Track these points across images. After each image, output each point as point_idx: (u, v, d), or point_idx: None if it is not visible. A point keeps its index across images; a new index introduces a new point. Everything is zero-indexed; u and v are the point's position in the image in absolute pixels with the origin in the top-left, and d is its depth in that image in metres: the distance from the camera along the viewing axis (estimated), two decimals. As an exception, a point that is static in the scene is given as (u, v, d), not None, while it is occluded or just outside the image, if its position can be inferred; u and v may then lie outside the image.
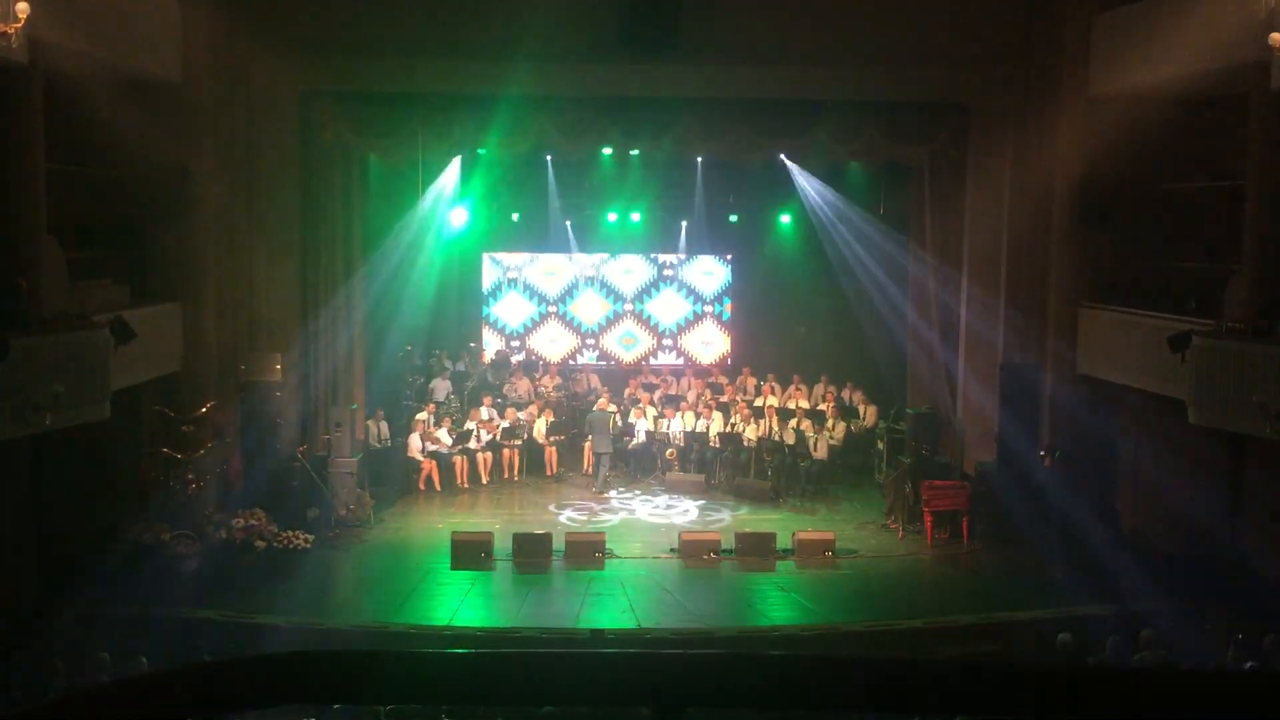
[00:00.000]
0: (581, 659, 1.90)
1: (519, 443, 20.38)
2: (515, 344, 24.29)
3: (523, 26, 17.02)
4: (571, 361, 24.30)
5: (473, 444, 19.92)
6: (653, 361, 24.40)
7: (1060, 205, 17.53)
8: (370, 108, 18.15)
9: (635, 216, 23.40)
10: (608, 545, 16.18)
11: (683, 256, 24.46)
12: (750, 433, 20.00)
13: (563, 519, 18.08)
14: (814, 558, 16.20)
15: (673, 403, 21.19)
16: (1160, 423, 15.86)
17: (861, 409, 21.33)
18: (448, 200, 21.45)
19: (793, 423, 19.93)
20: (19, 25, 10.98)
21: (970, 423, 18.71)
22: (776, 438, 19.80)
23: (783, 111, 18.40)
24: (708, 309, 24.73)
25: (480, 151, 20.05)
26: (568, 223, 23.61)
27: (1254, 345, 12.78)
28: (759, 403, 21.16)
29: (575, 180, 22.54)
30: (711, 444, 20.14)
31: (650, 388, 21.96)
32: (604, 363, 24.40)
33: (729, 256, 24.61)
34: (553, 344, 24.48)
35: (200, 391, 16.75)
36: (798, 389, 21.72)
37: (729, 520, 18.04)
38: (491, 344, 24.09)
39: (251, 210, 17.40)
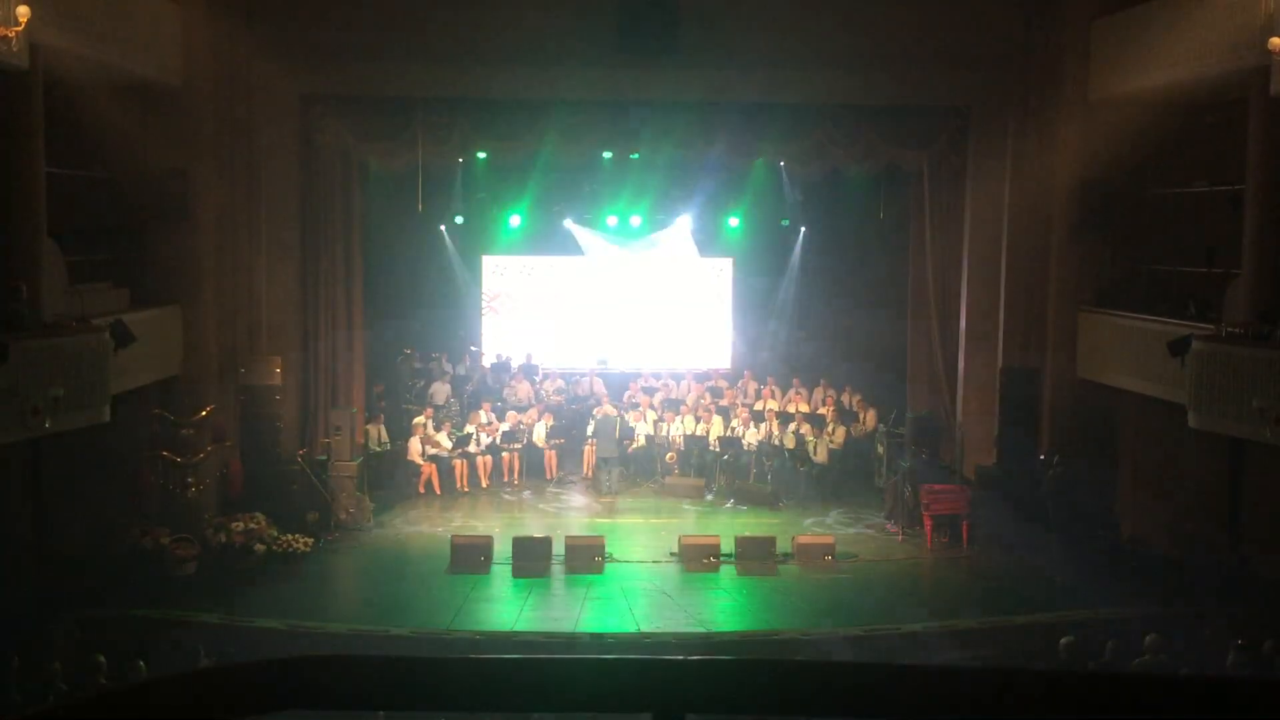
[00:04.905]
0: (581, 664, 1.90)
1: (519, 446, 20.37)
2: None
3: (523, 31, 17.07)
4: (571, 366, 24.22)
5: (472, 448, 19.91)
6: (647, 366, 24.32)
7: (1060, 209, 17.54)
8: (370, 111, 18.16)
9: (635, 220, 23.37)
10: (607, 549, 16.18)
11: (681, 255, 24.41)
12: (750, 437, 19.98)
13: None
14: (814, 561, 16.20)
15: (672, 406, 21.16)
16: (1160, 427, 15.86)
17: (861, 413, 21.29)
18: (447, 203, 21.46)
19: (792, 427, 19.91)
20: (19, 29, 10.99)
21: (970, 426, 18.68)
22: (776, 442, 19.79)
23: (782, 115, 18.42)
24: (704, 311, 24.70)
25: (480, 155, 20.05)
26: (567, 221, 23.56)
27: (1254, 349, 12.78)
28: (759, 406, 21.14)
29: (575, 184, 22.53)
30: (711, 448, 20.12)
31: (650, 391, 21.92)
32: (603, 364, 24.31)
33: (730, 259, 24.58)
34: (553, 347, 24.39)
35: (200, 395, 16.75)
36: (797, 393, 21.69)
37: (730, 524, 18.01)
38: (491, 347, 24.01)
39: (251, 214, 17.39)
